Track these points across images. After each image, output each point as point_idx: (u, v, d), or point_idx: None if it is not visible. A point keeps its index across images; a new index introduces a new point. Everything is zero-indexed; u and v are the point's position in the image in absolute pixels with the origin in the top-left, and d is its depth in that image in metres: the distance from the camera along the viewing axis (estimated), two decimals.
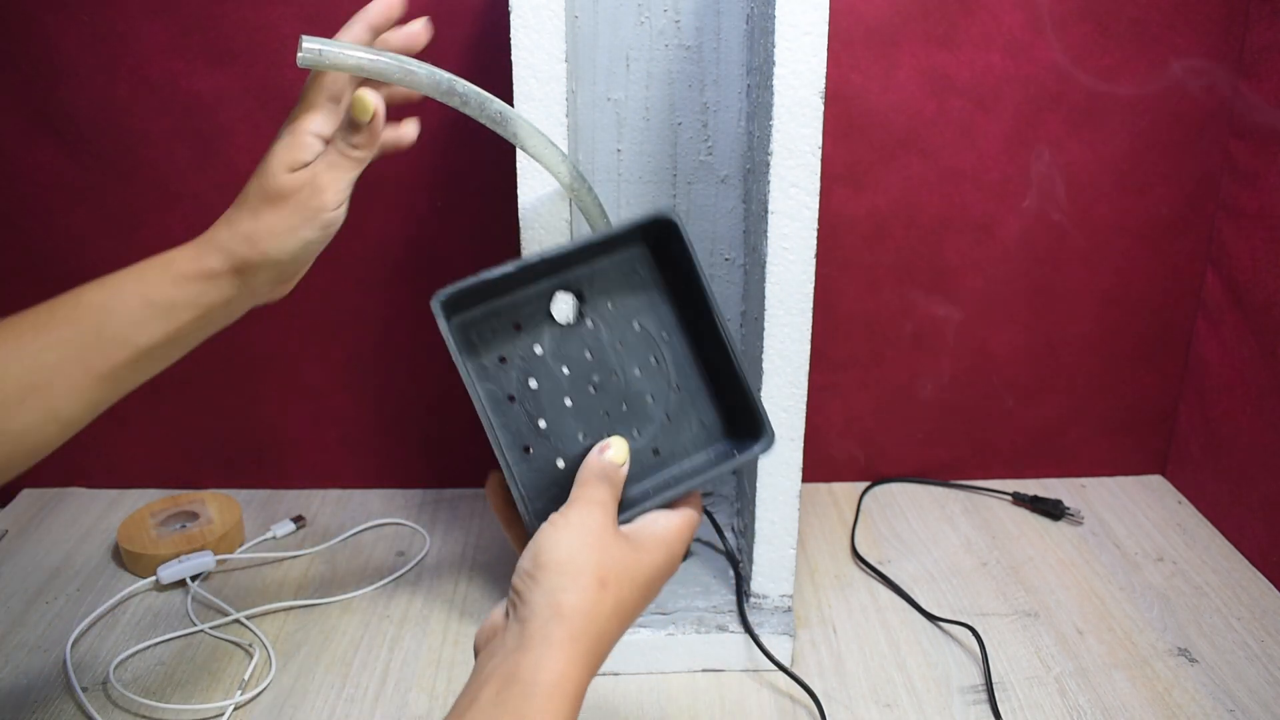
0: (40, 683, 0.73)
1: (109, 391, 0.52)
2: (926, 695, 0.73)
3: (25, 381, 0.49)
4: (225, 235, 0.55)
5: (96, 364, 0.51)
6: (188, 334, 0.54)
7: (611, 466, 0.48)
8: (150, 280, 0.53)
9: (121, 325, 0.51)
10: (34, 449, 0.51)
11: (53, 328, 0.50)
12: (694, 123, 0.79)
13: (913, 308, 0.95)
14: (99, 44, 0.84)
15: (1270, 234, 0.85)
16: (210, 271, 0.54)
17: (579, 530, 0.46)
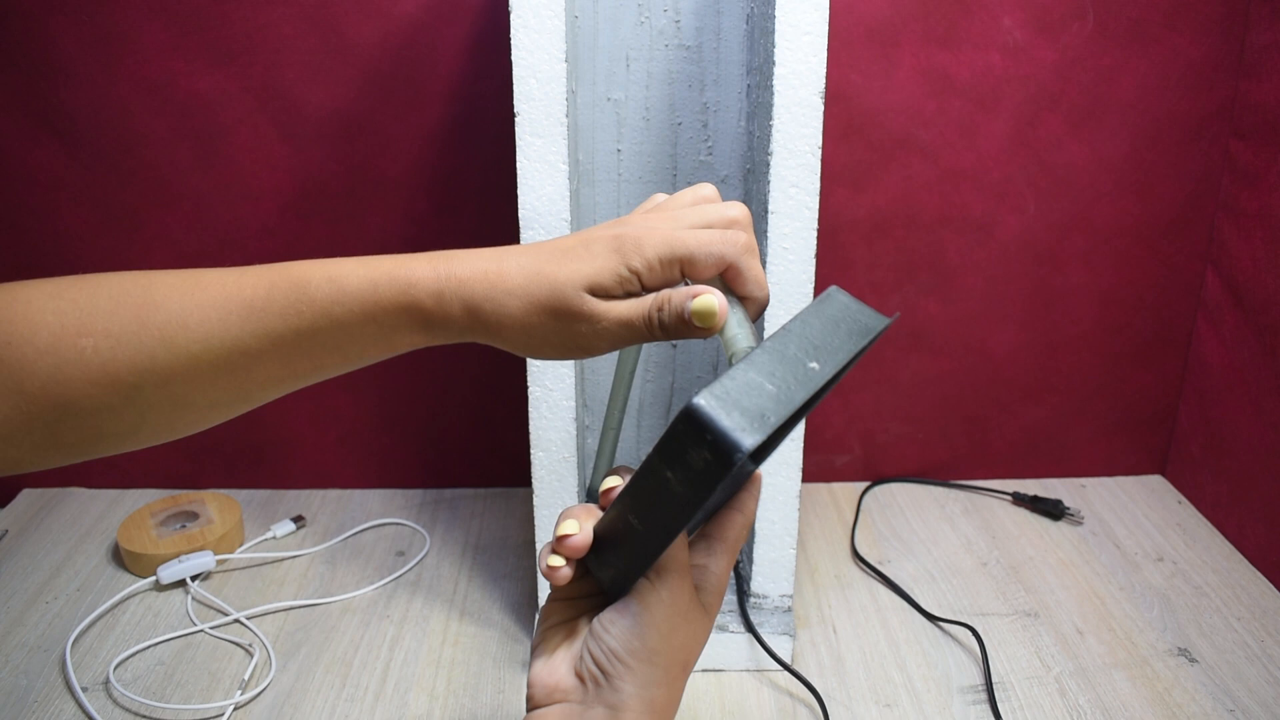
0: (40, 683, 0.73)
1: (294, 387, 0.48)
2: (926, 695, 0.73)
3: (232, 360, 0.45)
4: (480, 304, 0.46)
5: (302, 365, 0.47)
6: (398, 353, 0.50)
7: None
8: (385, 311, 0.46)
9: (346, 340, 0.46)
10: (202, 424, 0.48)
11: (276, 315, 0.45)
12: (694, 123, 0.79)
13: (913, 308, 0.95)
14: (99, 44, 0.84)
15: (1270, 234, 0.85)
16: (447, 331, 0.47)
17: (669, 610, 0.44)
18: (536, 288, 0.45)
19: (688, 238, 0.45)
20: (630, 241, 0.45)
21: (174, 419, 0.46)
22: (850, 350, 0.43)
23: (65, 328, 0.42)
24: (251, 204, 0.90)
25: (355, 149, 0.88)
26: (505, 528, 0.94)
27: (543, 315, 0.45)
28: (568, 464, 0.71)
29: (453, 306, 0.45)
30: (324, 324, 0.45)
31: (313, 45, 0.85)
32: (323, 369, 0.47)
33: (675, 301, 0.45)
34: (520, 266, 0.45)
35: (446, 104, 0.87)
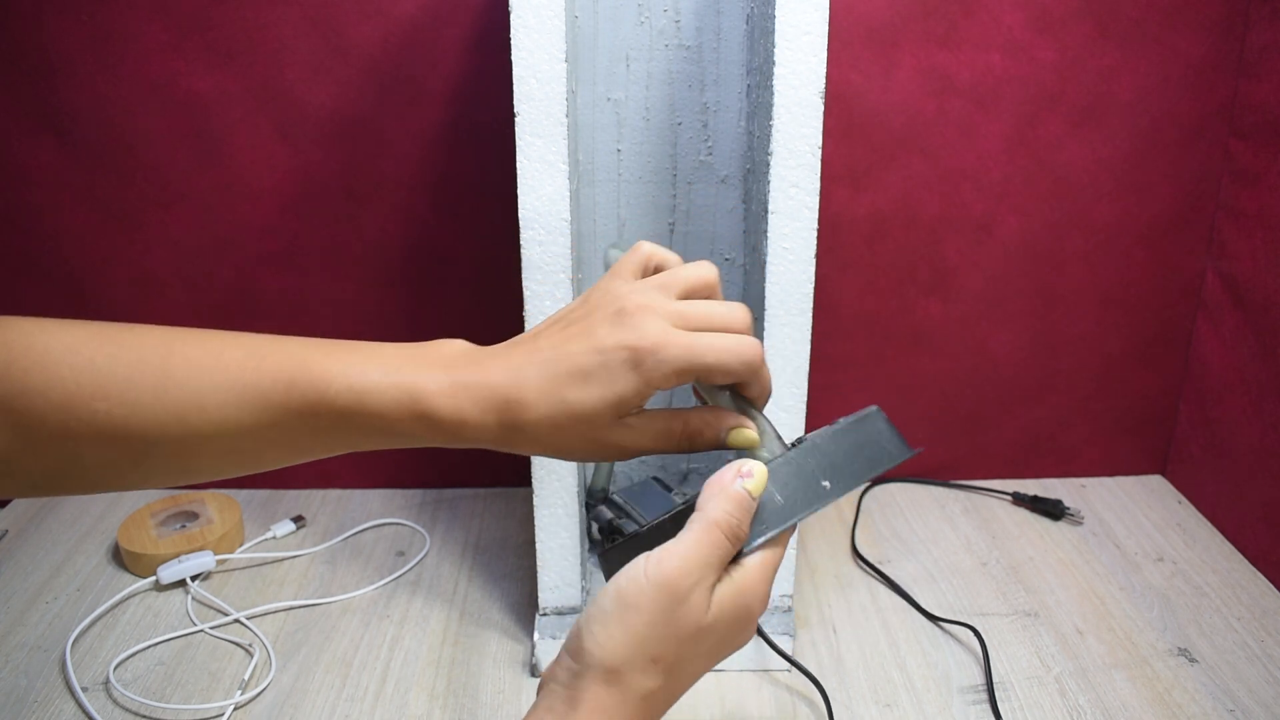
0: (40, 683, 0.73)
1: (300, 462, 0.49)
2: (926, 695, 0.73)
3: (244, 444, 0.46)
4: (505, 433, 0.46)
5: (313, 452, 0.47)
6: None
7: (750, 502, 0.43)
8: (404, 425, 0.47)
9: (361, 441, 0.47)
10: (207, 478, 0.49)
11: (294, 414, 0.45)
12: (694, 123, 0.79)
13: (913, 308, 0.95)
14: (99, 44, 0.84)
15: (1270, 234, 0.85)
16: (467, 440, 0.47)
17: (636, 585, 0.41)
18: (562, 417, 0.45)
19: (705, 351, 0.44)
20: (649, 357, 0.44)
21: (175, 480, 0.47)
22: (867, 477, 0.47)
23: (81, 387, 0.42)
24: (251, 204, 0.90)
25: (355, 149, 0.88)
26: (505, 528, 0.94)
27: (569, 439, 0.45)
28: (568, 464, 0.71)
29: (473, 432, 0.46)
30: (340, 426, 0.46)
31: (313, 45, 0.85)
32: (329, 453, 0.48)
33: (709, 435, 0.46)
34: (541, 392, 0.45)
35: (446, 104, 0.87)
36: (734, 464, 0.44)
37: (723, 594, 0.42)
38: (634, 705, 0.41)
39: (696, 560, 0.41)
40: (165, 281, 0.92)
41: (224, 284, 0.92)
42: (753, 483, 0.43)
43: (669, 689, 0.43)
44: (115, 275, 0.91)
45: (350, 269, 0.92)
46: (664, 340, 0.44)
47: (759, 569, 0.44)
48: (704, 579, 0.42)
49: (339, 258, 0.92)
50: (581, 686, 0.41)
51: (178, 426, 0.44)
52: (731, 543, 0.43)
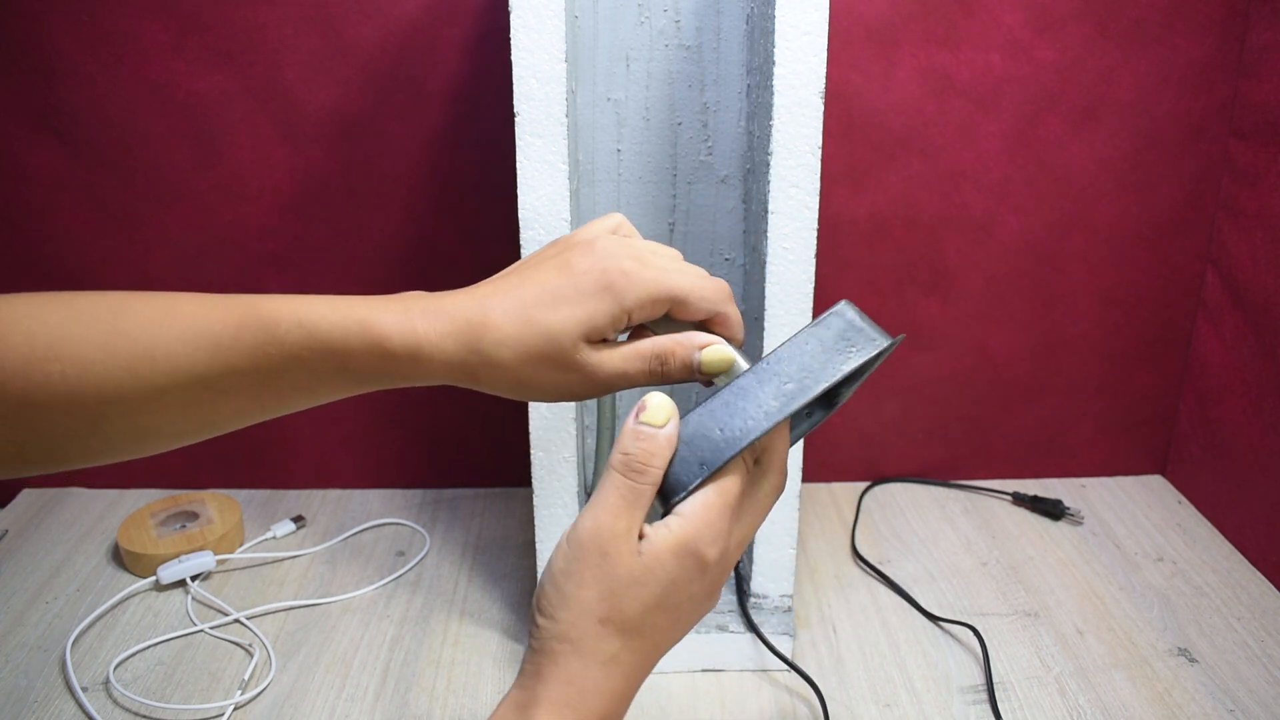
0: (40, 683, 0.73)
1: (262, 419, 0.48)
2: (926, 695, 0.73)
3: (198, 394, 0.44)
4: (464, 356, 0.44)
5: (269, 401, 0.46)
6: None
7: (647, 432, 0.42)
8: (356, 359, 0.45)
9: (314, 382, 0.46)
10: (169, 448, 0.48)
11: (244, 354, 0.44)
12: (694, 123, 0.78)
13: (913, 308, 0.95)
14: (99, 44, 0.84)
15: (1270, 234, 0.85)
16: (424, 379, 0.46)
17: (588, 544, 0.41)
18: (530, 337, 0.44)
19: (679, 279, 0.44)
20: (621, 279, 0.44)
21: (140, 445, 0.46)
22: (825, 383, 0.43)
23: (35, 351, 0.42)
24: (251, 204, 0.90)
25: (355, 149, 0.88)
26: (505, 528, 0.94)
27: (536, 365, 0.44)
28: (568, 464, 0.71)
29: (430, 358, 0.44)
30: (292, 366, 0.44)
31: (313, 45, 0.85)
32: (290, 405, 0.47)
33: (680, 355, 0.45)
34: (508, 313, 0.44)
35: (446, 104, 0.87)
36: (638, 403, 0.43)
37: (656, 541, 0.42)
38: (596, 670, 0.41)
39: (603, 509, 0.41)
40: (165, 281, 0.92)
41: (224, 284, 0.92)
42: (648, 413, 0.42)
43: (634, 649, 0.42)
44: (115, 275, 0.91)
45: (350, 269, 0.92)
46: (638, 268, 0.44)
47: (701, 506, 0.42)
48: (617, 525, 0.41)
49: (339, 258, 0.92)
50: (542, 661, 0.41)
51: (130, 380, 0.43)
52: (633, 478, 0.42)
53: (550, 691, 0.41)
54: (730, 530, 0.43)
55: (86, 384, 0.43)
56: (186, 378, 0.44)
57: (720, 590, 0.45)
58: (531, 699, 0.41)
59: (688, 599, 0.43)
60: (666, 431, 0.43)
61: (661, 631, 0.43)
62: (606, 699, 0.42)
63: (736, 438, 0.42)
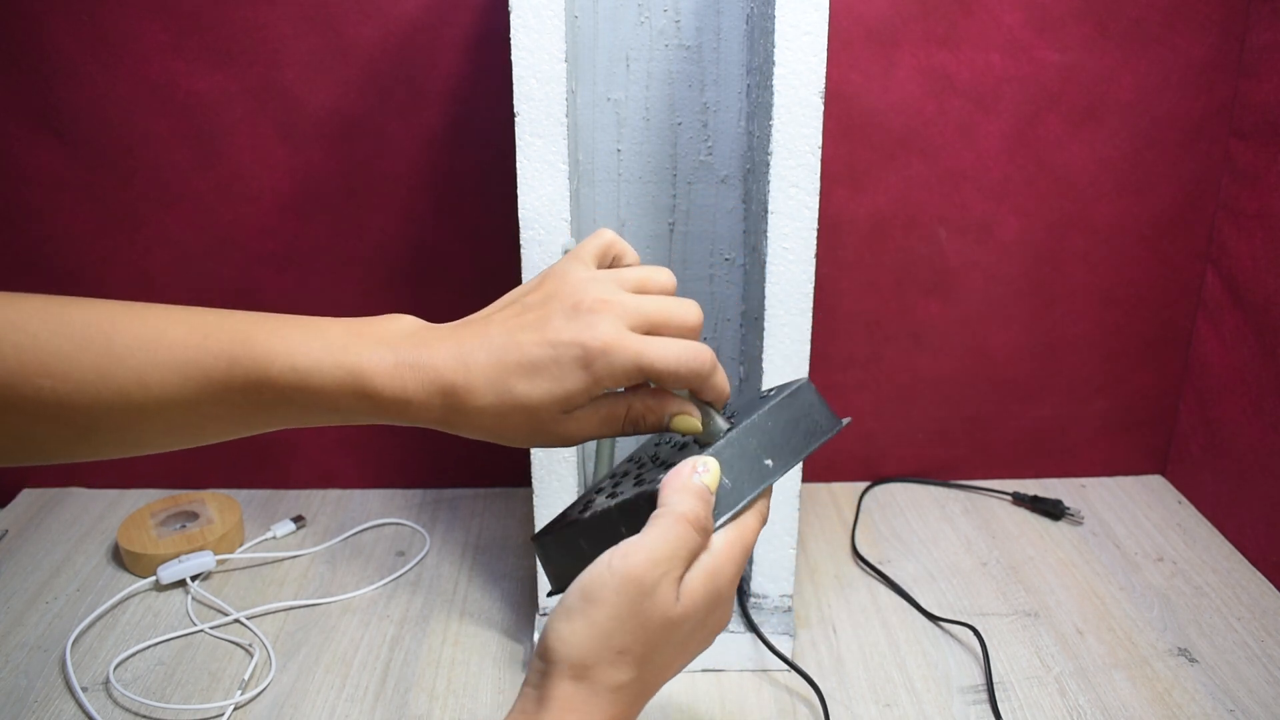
0: (40, 683, 0.73)
1: (247, 435, 0.49)
2: (926, 695, 0.73)
3: (189, 419, 0.46)
4: (449, 415, 0.46)
5: (257, 427, 0.47)
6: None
7: (709, 495, 0.44)
8: (346, 403, 0.46)
9: (304, 419, 0.47)
10: (158, 451, 0.48)
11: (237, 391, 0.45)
12: (694, 123, 0.78)
13: (913, 308, 0.95)
14: (99, 44, 0.84)
15: (1270, 234, 0.85)
16: (409, 420, 0.46)
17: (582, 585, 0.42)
18: (507, 408, 0.45)
19: (655, 355, 0.45)
20: (599, 358, 0.44)
21: (126, 453, 0.47)
22: (805, 453, 0.48)
23: (25, 364, 0.42)
24: (251, 204, 0.90)
25: (355, 149, 0.88)
26: (505, 528, 0.94)
27: (513, 429, 0.46)
28: (568, 464, 0.71)
29: (417, 413, 0.46)
30: (283, 405, 0.45)
31: (313, 45, 0.85)
32: (278, 428, 0.48)
33: (651, 420, 0.47)
34: (488, 380, 0.45)
35: (446, 104, 0.87)
36: (689, 460, 0.45)
37: (692, 583, 0.43)
38: (604, 699, 0.41)
39: (664, 553, 0.42)
40: (165, 281, 0.92)
41: (224, 284, 0.92)
42: (709, 476, 0.44)
43: (643, 680, 0.43)
44: (115, 275, 0.91)
45: (350, 269, 0.92)
46: (617, 342, 0.44)
47: (725, 552, 0.44)
48: (671, 571, 0.42)
49: (339, 258, 0.92)
50: (549, 685, 0.41)
51: (121, 402, 0.44)
52: (699, 535, 0.43)
53: (555, 716, 0.41)
54: (741, 570, 0.45)
55: (76, 401, 0.43)
56: (176, 405, 0.45)
57: (724, 624, 0.47)
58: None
59: (700, 633, 0.45)
60: (715, 492, 0.45)
61: (670, 666, 0.44)
62: None
63: (744, 489, 0.46)
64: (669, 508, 0.43)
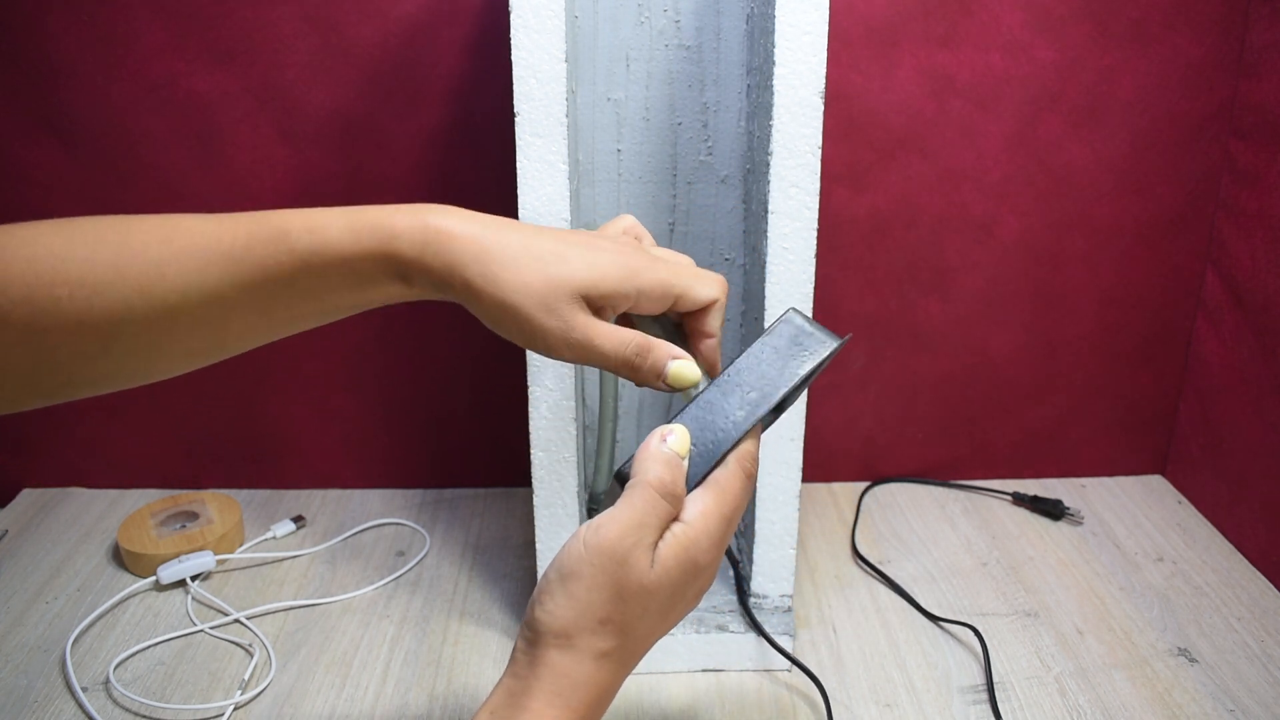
0: (40, 683, 0.73)
1: (271, 338, 0.48)
2: (926, 695, 0.73)
3: (210, 310, 0.44)
4: (466, 266, 0.44)
5: (279, 315, 0.46)
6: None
7: (678, 461, 0.44)
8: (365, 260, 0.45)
9: (324, 289, 0.46)
10: (178, 371, 0.47)
11: (255, 265, 0.44)
12: (694, 123, 0.78)
13: (913, 308, 0.95)
14: (99, 44, 0.84)
15: (1270, 234, 0.85)
16: (425, 285, 0.46)
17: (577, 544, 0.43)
18: (531, 274, 0.44)
19: (687, 276, 0.47)
20: (640, 262, 0.46)
21: (150, 366, 0.46)
22: (784, 389, 0.46)
23: (40, 276, 0.41)
24: (251, 204, 0.89)
25: (355, 149, 0.88)
26: (505, 528, 0.94)
27: (527, 301, 0.44)
28: (568, 464, 0.71)
29: (434, 261, 0.44)
30: (303, 274, 0.44)
31: (313, 45, 0.85)
32: (300, 320, 0.47)
33: (657, 356, 0.47)
34: (519, 245, 0.45)
35: (446, 104, 0.87)
36: (656, 431, 0.45)
37: (665, 551, 0.43)
38: (589, 664, 0.43)
39: (632, 522, 0.43)
40: None
41: None
42: (675, 440, 0.45)
43: (626, 647, 0.44)
44: None
45: None
46: (650, 262, 0.46)
47: (699, 520, 0.44)
48: (642, 540, 0.43)
49: None
50: (537, 653, 0.43)
51: (141, 300, 0.43)
52: (668, 501, 0.44)
53: (543, 683, 0.42)
54: (726, 533, 0.45)
55: (95, 305, 0.42)
56: (198, 293, 0.44)
57: (706, 588, 0.47)
58: (525, 689, 0.42)
59: (681, 600, 0.45)
60: (685, 463, 0.45)
61: (654, 632, 0.45)
62: (594, 690, 0.43)
63: (711, 451, 0.46)
64: (638, 477, 0.44)
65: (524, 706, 0.42)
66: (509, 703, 0.43)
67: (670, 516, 0.44)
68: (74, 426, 0.96)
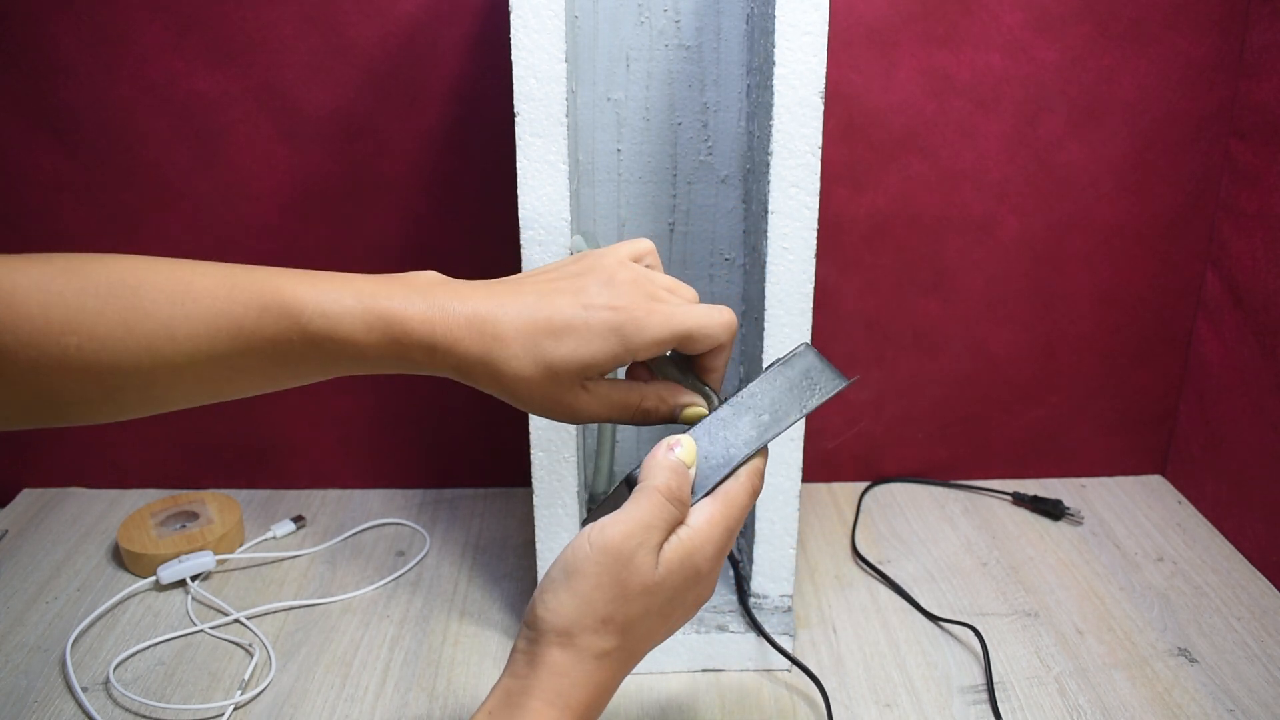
0: (40, 683, 0.73)
1: (270, 391, 0.48)
2: (926, 695, 0.73)
3: (216, 373, 0.45)
4: (472, 362, 0.46)
5: (283, 380, 0.47)
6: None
7: (684, 469, 0.45)
8: (375, 349, 0.46)
9: (331, 367, 0.47)
10: (179, 408, 0.48)
11: (266, 340, 0.45)
12: (694, 123, 0.79)
13: (913, 308, 0.95)
14: (99, 44, 0.84)
15: (1270, 234, 0.85)
16: (434, 371, 0.47)
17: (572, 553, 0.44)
18: (532, 363, 0.46)
19: (686, 318, 0.47)
20: (632, 326, 0.46)
21: (148, 410, 0.47)
22: (794, 417, 0.49)
23: (50, 322, 0.42)
24: (251, 204, 0.90)
25: (355, 149, 0.88)
26: (505, 528, 0.94)
27: (530, 386, 0.46)
28: (568, 464, 0.71)
29: (443, 357, 0.46)
30: (312, 353, 0.46)
31: (313, 45, 0.85)
32: (302, 381, 0.48)
33: (663, 410, 0.49)
34: (519, 331, 0.46)
35: (446, 104, 0.87)
36: (664, 441, 0.46)
37: (669, 553, 0.44)
38: (589, 663, 0.43)
39: (638, 524, 0.43)
40: None
41: None
42: (682, 451, 0.46)
43: (626, 648, 0.44)
44: None
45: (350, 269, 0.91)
46: (648, 310, 0.46)
47: (705, 527, 0.45)
48: (647, 541, 0.43)
49: (339, 258, 0.92)
50: (538, 651, 0.43)
51: (148, 358, 0.43)
52: (674, 506, 0.44)
53: (542, 681, 0.42)
54: (729, 542, 0.46)
55: (102, 358, 0.43)
56: (206, 357, 0.44)
57: (707, 596, 0.48)
58: (524, 688, 0.43)
59: (681, 605, 0.46)
60: (691, 471, 0.46)
61: (654, 634, 0.46)
62: (593, 690, 0.43)
63: (720, 465, 0.47)
64: (645, 483, 0.45)
65: (522, 706, 0.42)
66: (507, 702, 0.43)
67: (676, 521, 0.45)
68: (74, 427, 0.96)
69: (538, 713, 0.42)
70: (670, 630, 0.47)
